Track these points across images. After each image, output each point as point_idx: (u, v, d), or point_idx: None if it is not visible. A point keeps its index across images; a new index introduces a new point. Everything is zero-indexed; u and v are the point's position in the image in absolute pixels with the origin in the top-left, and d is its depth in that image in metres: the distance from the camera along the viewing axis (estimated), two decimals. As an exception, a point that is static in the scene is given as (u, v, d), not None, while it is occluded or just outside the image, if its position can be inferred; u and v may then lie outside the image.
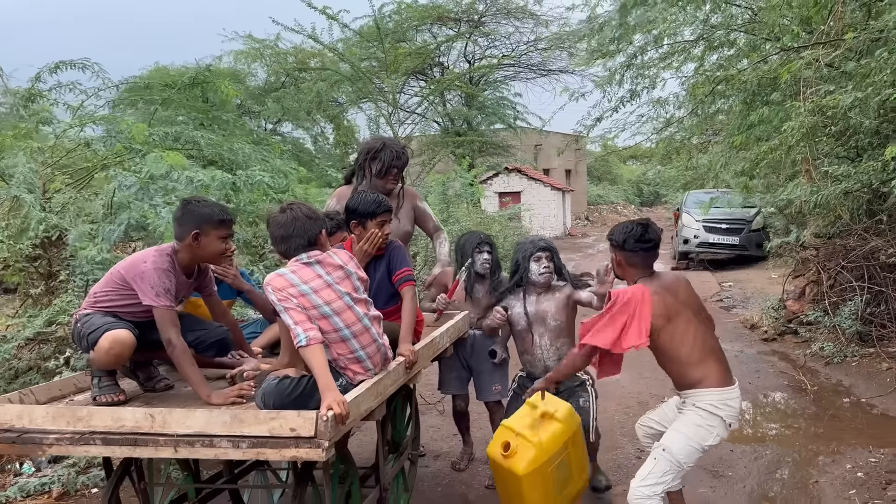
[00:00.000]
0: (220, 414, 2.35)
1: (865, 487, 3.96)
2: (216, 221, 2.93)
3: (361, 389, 2.63)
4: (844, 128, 5.98)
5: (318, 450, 2.22)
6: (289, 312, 2.60)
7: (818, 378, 6.33)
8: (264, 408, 2.55)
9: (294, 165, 5.70)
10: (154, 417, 2.36)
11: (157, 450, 2.34)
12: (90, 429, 2.39)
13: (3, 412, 2.48)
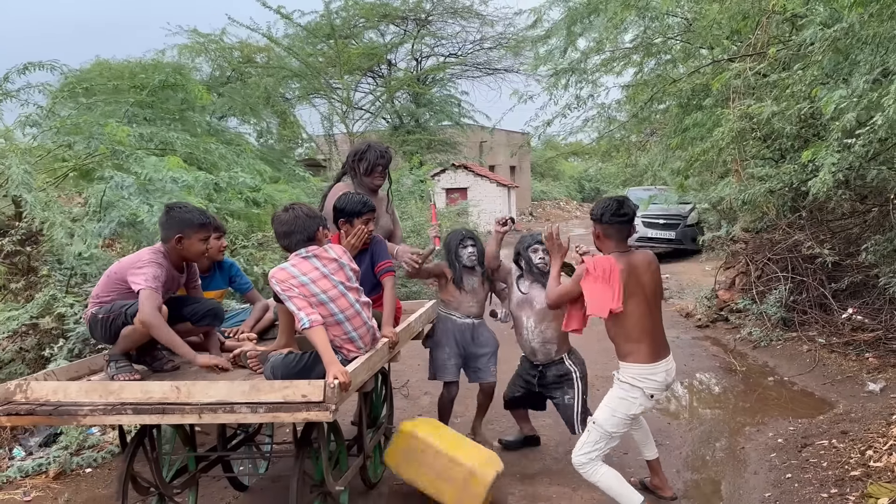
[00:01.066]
0: (239, 384, 2.68)
1: (784, 451, 4.52)
2: (196, 226, 3.30)
3: (358, 363, 3.02)
4: (769, 132, 6.59)
5: (327, 412, 2.57)
6: (292, 300, 2.99)
7: (746, 360, 6.97)
8: (273, 378, 2.95)
9: (263, 166, 5.97)
10: (180, 389, 2.67)
11: (184, 416, 2.64)
12: (121, 400, 2.67)
13: (39, 388, 2.75)
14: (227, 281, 4.05)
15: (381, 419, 4.29)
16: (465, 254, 4.49)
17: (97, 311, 3.20)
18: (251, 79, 18.72)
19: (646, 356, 3.46)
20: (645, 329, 3.50)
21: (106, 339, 3.25)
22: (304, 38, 20.57)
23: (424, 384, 6.38)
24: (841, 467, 4.00)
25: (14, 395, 2.75)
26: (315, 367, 2.99)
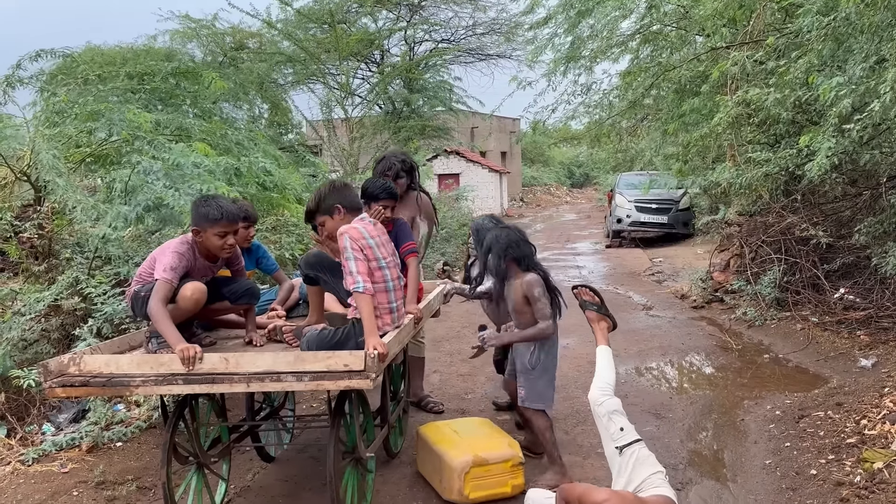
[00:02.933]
0: (284, 355, 2.84)
1: (782, 422, 4.75)
2: (211, 221, 3.36)
3: (391, 336, 3.22)
4: (765, 118, 6.78)
5: (367, 380, 2.75)
6: (356, 262, 3.18)
7: (742, 339, 7.20)
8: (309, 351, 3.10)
9: (276, 151, 6.10)
10: (228, 360, 2.83)
11: (232, 386, 2.80)
12: (172, 371, 2.82)
13: (91, 361, 2.90)
14: (255, 263, 4.21)
15: (400, 393, 4.51)
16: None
17: (140, 288, 3.34)
18: (244, 64, 18.68)
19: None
20: None
21: (147, 315, 3.35)
22: (297, 23, 20.57)
23: (433, 363, 6.59)
24: (837, 436, 4.23)
25: (68, 367, 2.88)
26: (346, 343, 3.18)
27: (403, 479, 4.07)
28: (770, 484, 3.89)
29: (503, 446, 3.77)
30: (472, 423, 4.16)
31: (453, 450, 3.72)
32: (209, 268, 3.53)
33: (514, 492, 3.70)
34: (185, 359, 2.82)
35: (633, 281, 11.40)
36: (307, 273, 3.65)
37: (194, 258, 3.40)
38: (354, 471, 3.42)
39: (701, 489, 3.87)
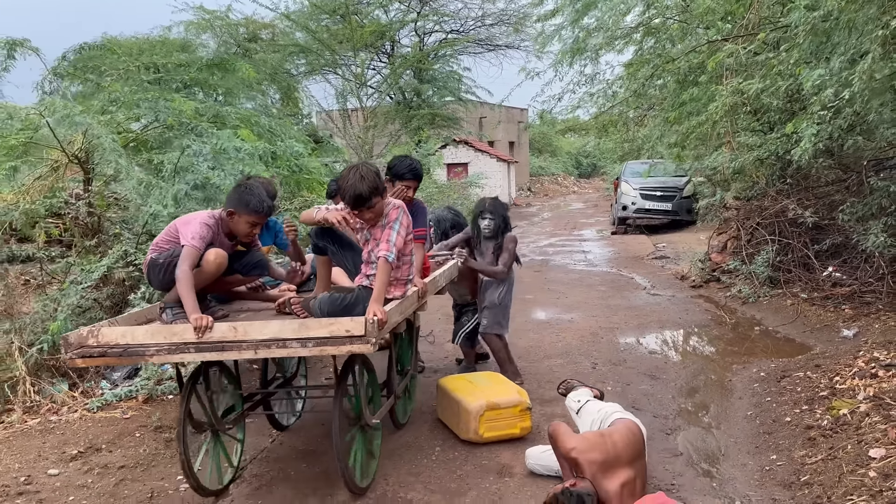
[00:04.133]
0: (290, 323, 3.07)
1: (765, 382, 5.24)
2: (249, 210, 3.52)
3: (392, 305, 3.42)
4: (758, 106, 7.24)
5: (368, 345, 2.96)
6: (399, 234, 3.47)
7: (736, 314, 7.68)
8: (319, 313, 3.39)
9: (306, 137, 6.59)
10: (237, 329, 3.05)
11: (241, 353, 3.00)
12: (184, 340, 3.03)
13: (108, 333, 3.13)
14: (273, 238, 4.52)
15: (407, 365, 4.66)
16: (482, 225, 5.28)
17: (157, 256, 3.48)
18: (257, 54, 19.12)
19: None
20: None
21: (162, 285, 3.53)
22: (310, 14, 21.01)
23: (447, 334, 7.10)
24: (812, 391, 4.72)
25: (87, 339, 3.10)
26: (356, 307, 3.38)
27: (424, 425, 4.59)
28: (749, 430, 4.39)
29: (513, 393, 4.29)
30: (485, 375, 4.69)
31: (469, 396, 4.24)
32: (229, 246, 3.65)
33: (522, 433, 4.22)
34: (197, 327, 3.00)
35: (636, 264, 11.88)
36: (316, 242, 3.78)
37: (218, 233, 3.54)
38: (362, 435, 3.63)
39: (687, 434, 4.37)
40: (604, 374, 5.64)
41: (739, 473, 3.79)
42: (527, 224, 21.26)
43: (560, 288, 9.67)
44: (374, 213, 3.50)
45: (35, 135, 5.78)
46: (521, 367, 5.76)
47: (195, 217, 3.53)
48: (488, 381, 4.53)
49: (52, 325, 4.99)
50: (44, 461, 4.10)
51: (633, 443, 3.42)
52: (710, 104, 6.94)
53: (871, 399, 4.17)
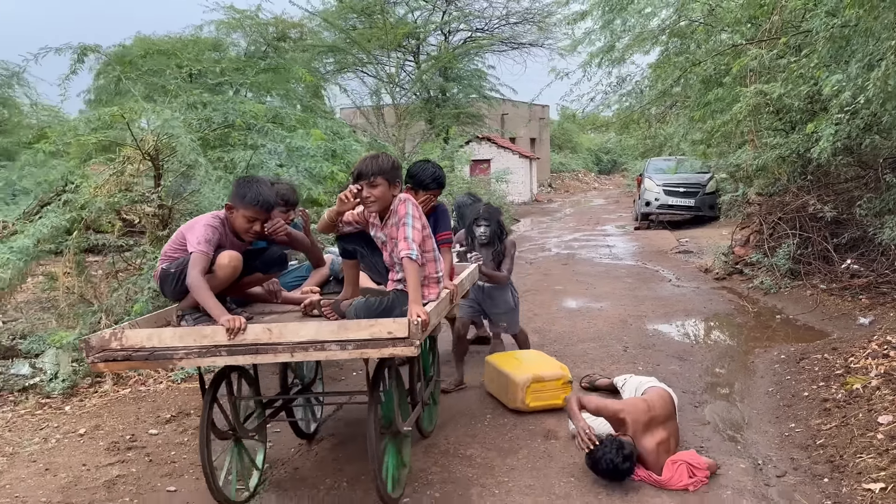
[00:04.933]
0: (328, 324, 2.91)
1: (785, 363, 5.67)
2: (245, 203, 3.34)
3: (432, 305, 3.28)
4: (781, 107, 7.64)
5: (412, 347, 2.77)
6: (414, 228, 3.25)
7: (757, 304, 8.09)
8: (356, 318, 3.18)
9: (360, 136, 7.09)
10: (272, 331, 2.87)
11: (277, 356, 2.83)
12: (216, 343, 2.87)
13: (133, 335, 2.94)
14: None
15: (429, 371, 4.45)
16: (478, 233, 5.30)
17: (168, 266, 3.34)
18: (288, 54, 19.67)
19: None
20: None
21: (176, 295, 3.36)
22: (338, 13, 21.56)
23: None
24: (828, 370, 5.15)
25: (110, 342, 2.92)
26: (393, 311, 3.25)
27: (474, 398, 5.08)
28: (770, 403, 4.83)
29: (556, 368, 4.78)
30: (530, 353, 5.19)
31: (516, 370, 4.73)
32: (239, 246, 3.47)
33: (564, 404, 4.68)
34: (231, 329, 2.84)
35: (661, 258, 12.28)
36: (344, 247, 3.64)
37: (225, 234, 3.39)
38: (393, 443, 3.49)
39: (714, 407, 4.82)
40: (634, 357, 6.09)
41: (761, 438, 4.24)
42: (549, 220, 21.70)
43: (588, 279, 10.12)
44: (376, 195, 3.28)
45: (111, 134, 6.35)
46: (557, 349, 6.23)
47: (199, 221, 3.39)
48: (533, 358, 5.02)
49: (135, 307, 5.53)
50: (143, 423, 4.65)
51: (665, 406, 3.91)
52: (734, 105, 7.34)
53: (883, 375, 4.59)
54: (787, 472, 3.75)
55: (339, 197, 3.34)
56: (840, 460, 3.73)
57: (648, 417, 3.82)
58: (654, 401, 3.94)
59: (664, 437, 3.81)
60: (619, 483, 3.59)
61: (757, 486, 3.59)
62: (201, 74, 8.79)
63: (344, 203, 3.32)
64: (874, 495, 3.30)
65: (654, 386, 4.21)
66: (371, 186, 3.28)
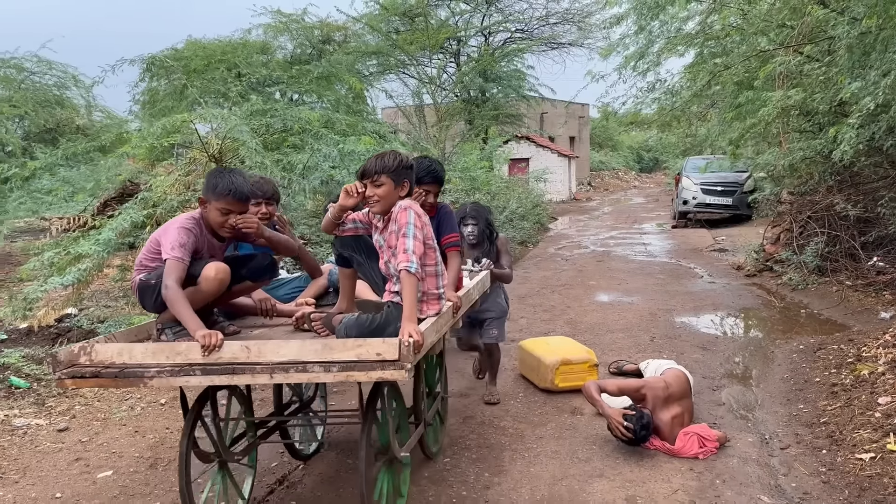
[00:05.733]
0: (311, 343, 2.62)
1: (803, 353, 6.03)
2: (217, 194, 3.08)
3: (428, 324, 2.98)
4: (809, 110, 7.95)
5: (402, 371, 2.52)
6: (415, 240, 2.96)
7: (785, 299, 8.41)
8: (347, 338, 2.84)
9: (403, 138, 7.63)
10: (250, 349, 2.62)
11: (255, 377, 2.60)
12: (189, 361, 2.63)
13: (103, 350, 2.71)
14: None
15: (435, 388, 4.20)
16: (465, 232, 4.87)
17: (147, 276, 3.11)
18: (333, 56, 20.35)
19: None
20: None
21: (157, 307, 3.11)
22: (381, 16, 22.20)
23: (521, 312, 8.07)
24: (841, 358, 5.50)
25: (78, 357, 2.72)
26: (386, 328, 2.97)
27: (508, 379, 5.56)
28: (784, 388, 5.22)
29: (583, 352, 5.25)
30: (559, 338, 5.67)
31: (547, 353, 5.20)
32: (219, 247, 3.27)
33: (583, 392, 5.14)
34: (206, 346, 2.62)
35: (695, 255, 12.58)
36: (340, 252, 3.36)
37: (202, 233, 3.13)
38: (388, 470, 3.23)
39: (731, 390, 5.22)
40: (660, 346, 6.50)
41: (771, 417, 4.64)
42: (587, 218, 22.01)
43: (621, 275, 10.51)
44: (380, 194, 3.06)
45: (180, 138, 7.00)
46: (587, 339, 6.66)
47: (173, 223, 3.12)
48: (562, 343, 5.49)
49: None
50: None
51: (681, 385, 4.35)
52: (761, 108, 7.67)
53: (890, 363, 4.95)
54: (791, 445, 4.16)
55: (344, 188, 3.15)
56: (839, 435, 4.12)
57: (666, 394, 4.26)
58: (671, 380, 4.38)
59: (679, 412, 4.25)
60: (635, 449, 4.05)
61: (761, 457, 4.01)
62: (249, 76, 9.44)
63: (349, 195, 3.12)
64: (864, 463, 3.70)
65: (672, 367, 4.65)
66: (375, 185, 3.08)
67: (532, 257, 13.22)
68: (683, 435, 4.10)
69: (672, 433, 4.14)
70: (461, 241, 4.59)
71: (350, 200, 3.13)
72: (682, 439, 4.08)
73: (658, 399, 4.23)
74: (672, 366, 4.69)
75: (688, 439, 4.07)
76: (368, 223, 3.26)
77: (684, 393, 4.36)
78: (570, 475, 3.81)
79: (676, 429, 4.16)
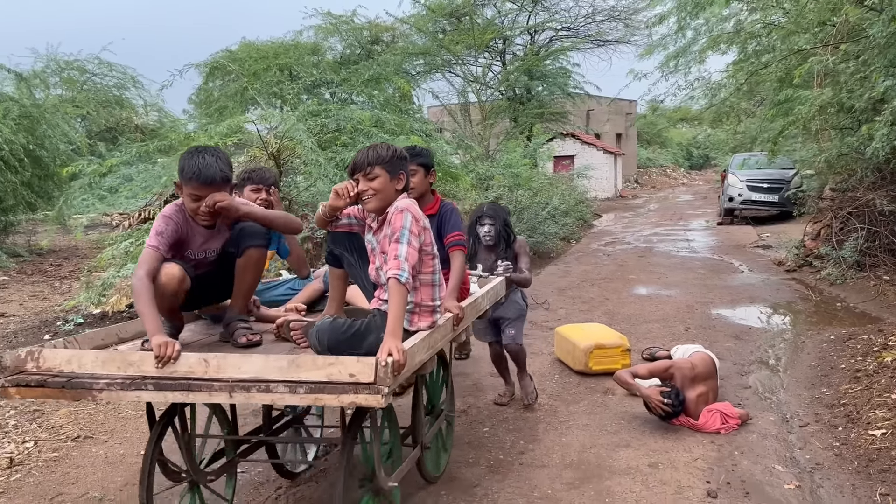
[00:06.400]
0: (276, 359, 2.32)
1: (833, 343, 6.24)
2: (184, 177, 2.86)
3: (416, 340, 2.63)
4: (848, 107, 8.08)
5: (378, 396, 2.20)
6: (410, 246, 2.65)
7: (822, 293, 8.55)
8: (318, 345, 2.66)
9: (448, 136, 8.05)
10: (208, 362, 2.35)
11: (212, 395, 2.32)
12: (142, 374, 2.39)
13: (51, 357, 2.49)
14: (276, 242, 3.80)
15: (440, 405, 3.77)
16: (482, 232, 4.61)
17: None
18: (381, 56, 20.86)
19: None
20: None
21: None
22: (427, 17, 22.67)
23: (560, 303, 8.41)
24: (868, 347, 5.71)
25: (25, 363, 2.50)
26: (367, 337, 2.67)
27: (545, 362, 5.93)
28: (810, 374, 5.47)
29: (616, 338, 5.59)
30: (594, 325, 6.02)
31: (581, 338, 5.56)
32: (210, 235, 3.03)
33: (615, 379, 5.47)
34: (158, 356, 2.36)
35: (737, 251, 12.70)
36: (331, 249, 3.10)
37: (185, 222, 2.94)
38: (373, 500, 2.86)
39: (758, 375, 5.49)
40: (694, 335, 6.76)
41: (794, 399, 4.91)
42: (632, 215, 22.10)
43: (661, 270, 10.74)
44: (375, 187, 2.78)
45: (241, 137, 7.54)
46: (624, 328, 6.97)
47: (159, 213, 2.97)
48: (596, 329, 5.84)
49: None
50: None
51: (706, 366, 4.66)
52: (798, 106, 7.85)
53: (913, 351, 5.16)
54: (809, 423, 4.44)
55: (334, 188, 2.85)
56: (856, 415, 4.39)
57: (693, 374, 4.58)
58: (697, 361, 4.70)
59: (704, 391, 4.56)
60: (661, 424, 4.38)
61: (780, 433, 4.30)
62: (304, 78, 9.95)
63: (339, 196, 2.82)
64: (875, 438, 3.97)
65: (699, 350, 4.96)
66: (368, 179, 2.79)
67: (573, 252, 13.50)
68: (707, 412, 4.42)
69: (697, 410, 4.46)
70: (476, 242, 4.61)
71: (340, 202, 2.84)
72: (706, 416, 4.40)
73: (685, 378, 4.55)
74: (699, 349, 5.00)
75: (711, 416, 4.38)
76: (364, 219, 3.00)
77: (710, 374, 4.67)
78: (599, 444, 4.17)
79: (701, 406, 4.48)
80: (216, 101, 12.86)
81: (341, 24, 21.99)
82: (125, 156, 7.16)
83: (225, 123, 6.57)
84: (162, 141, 6.92)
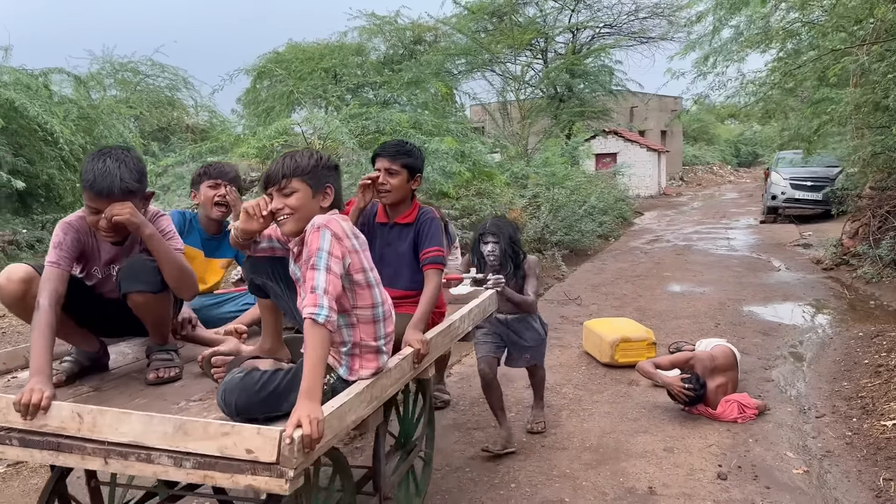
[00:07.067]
0: (161, 421, 1.87)
1: (861, 339, 6.33)
2: (83, 187, 2.42)
3: (349, 396, 2.12)
4: (881, 106, 8.11)
5: (281, 480, 1.76)
6: (329, 272, 2.08)
7: (857, 292, 8.58)
8: (225, 407, 2.14)
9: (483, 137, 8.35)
10: (82, 417, 1.94)
11: (84, 459, 1.94)
12: (7, 425, 2.00)
13: None
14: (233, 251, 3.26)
15: (413, 441, 3.24)
16: (485, 251, 4.11)
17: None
18: (424, 56, 21.22)
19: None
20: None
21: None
22: (469, 17, 22.94)
23: (592, 299, 8.62)
24: (894, 343, 5.80)
25: None
26: (290, 394, 2.07)
27: (573, 355, 6.17)
28: (833, 368, 5.60)
29: (642, 331, 5.80)
30: (621, 319, 6.23)
31: (608, 331, 5.79)
32: (118, 252, 2.61)
33: (638, 371, 5.68)
34: (24, 404, 1.96)
35: (777, 250, 12.68)
36: (251, 278, 2.54)
37: (88, 232, 2.54)
38: None
39: (782, 369, 5.64)
40: (723, 331, 6.90)
41: (813, 392, 5.07)
42: (674, 213, 22.02)
43: (697, 268, 10.83)
44: (292, 205, 2.25)
45: (287, 138, 7.95)
46: (654, 324, 7.14)
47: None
48: (623, 323, 6.07)
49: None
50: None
51: (727, 359, 4.85)
52: (832, 106, 7.91)
53: (936, 347, 5.26)
54: (826, 414, 4.60)
55: (243, 208, 2.33)
56: (871, 407, 4.54)
57: (713, 365, 4.78)
58: (717, 353, 4.89)
59: (723, 382, 4.75)
60: (680, 412, 4.60)
61: (796, 423, 4.48)
62: (347, 81, 10.36)
63: (250, 217, 2.31)
64: (887, 429, 4.13)
65: (720, 344, 5.14)
66: (283, 195, 2.27)
67: (611, 250, 13.63)
68: (725, 402, 4.61)
69: (716, 400, 4.65)
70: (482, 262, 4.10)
71: (253, 224, 2.31)
72: (724, 405, 4.59)
73: (705, 369, 4.75)
74: (721, 342, 5.18)
75: (728, 405, 4.58)
76: (287, 243, 2.43)
77: (730, 366, 4.86)
78: (618, 430, 4.41)
79: (720, 396, 4.68)
80: (263, 101, 13.39)
81: (385, 24, 22.45)
82: (179, 156, 7.61)
83: (273, 126, 6.97)
84: (214, 142, 7.35)
